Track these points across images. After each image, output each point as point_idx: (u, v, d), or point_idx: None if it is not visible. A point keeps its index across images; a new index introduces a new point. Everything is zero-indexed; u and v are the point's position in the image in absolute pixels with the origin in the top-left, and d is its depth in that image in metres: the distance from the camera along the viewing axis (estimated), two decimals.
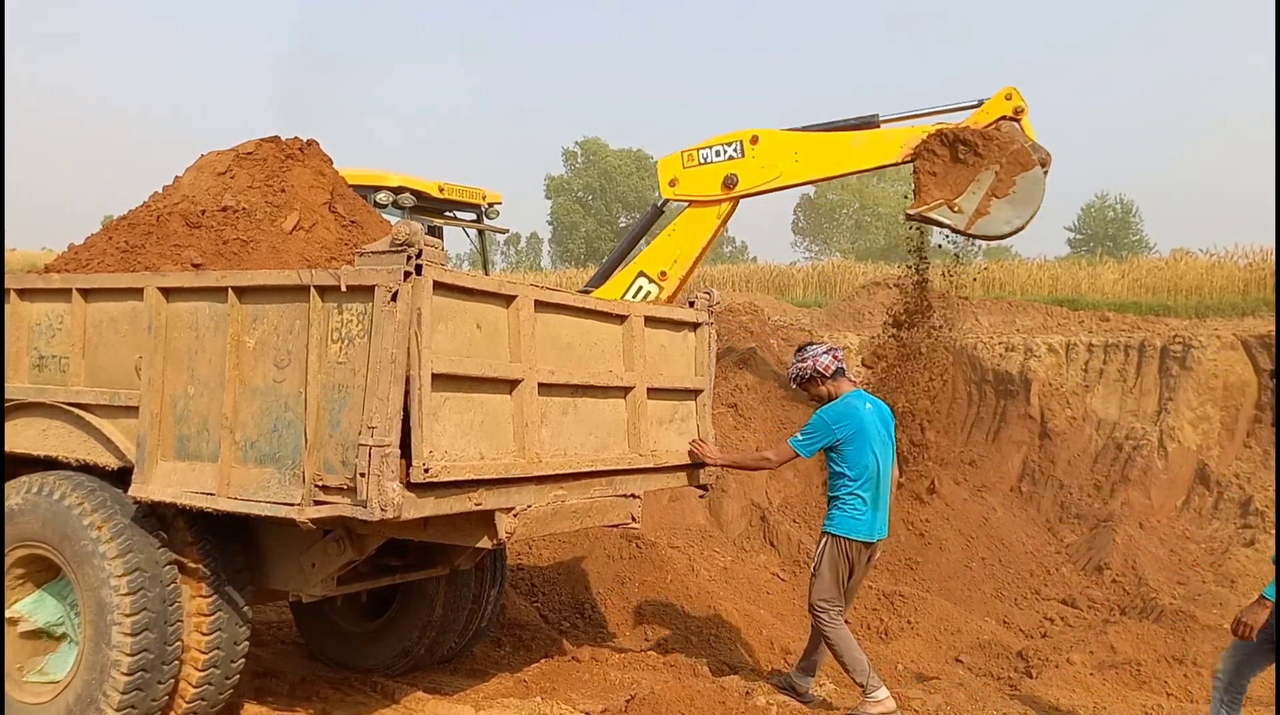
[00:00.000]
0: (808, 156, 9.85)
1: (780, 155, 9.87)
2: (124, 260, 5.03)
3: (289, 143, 5.45)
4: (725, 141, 9.96)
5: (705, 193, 9.96)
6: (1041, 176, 8.88)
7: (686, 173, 10.05)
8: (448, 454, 4.21)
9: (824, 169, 10.02)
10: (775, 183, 9.90)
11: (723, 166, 9.90)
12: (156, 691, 4.68)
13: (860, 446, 5.86)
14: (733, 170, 9.85)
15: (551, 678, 6.56)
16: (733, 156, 9.87)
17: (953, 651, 8.01)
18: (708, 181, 9.96)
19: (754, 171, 9.88)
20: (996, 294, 18.12)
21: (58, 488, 4.76)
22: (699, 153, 9.96)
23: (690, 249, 10.20)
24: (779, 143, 9.92)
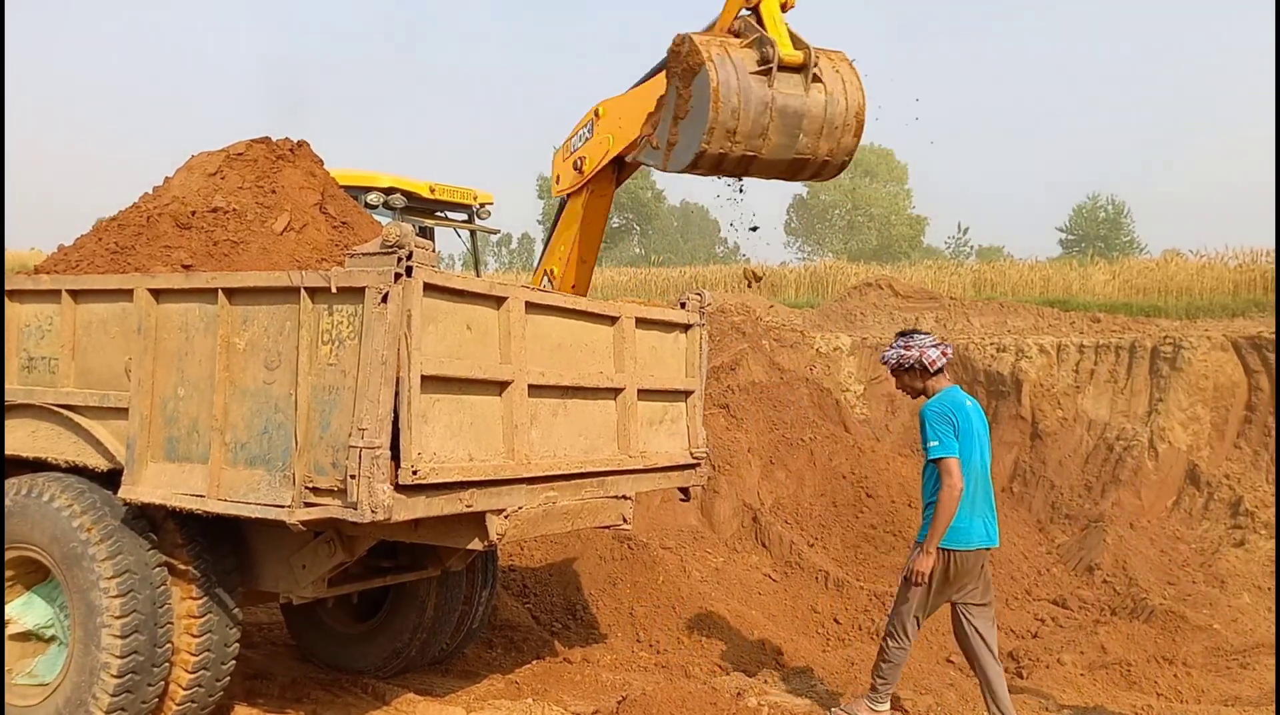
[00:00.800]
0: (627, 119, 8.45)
1: (611, 125, 8.59)
2: (114, 261, 5.02)
3: (279, 143, 5.44)
4: (582, 124, 8.94)
5: (568, 183, 8.90)
6: (710, 81, 6.65)
7: (563, 166, 8.98)
8: (436, 456, 4.21)
9: (634, 130, 8.46)
10: (606, 157, 8.66)
11: (578, 151, 8.84)
12: (146, 694, 4.66)
13: (967, 446, 5.44)
14: (582, 153, 8.78)
15: (543, 679, 6.56)
16: (586, 138, 8.77)
17: (944, 652, 8.01)
18: (570, 170, 8.98)
19: (594, 148, 8.74)
20: (988, 295, 18.20)
21: (47, 489, 4.75)
22: (570, 142, 8.90)
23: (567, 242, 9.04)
24: (612, 111, 8.70)
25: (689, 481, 6.07)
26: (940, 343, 5.66)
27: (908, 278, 20.23)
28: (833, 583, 8.90)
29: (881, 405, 14.12)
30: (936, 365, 5.57)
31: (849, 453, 10.77)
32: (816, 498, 10.34)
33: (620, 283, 29.22)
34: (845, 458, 10.67)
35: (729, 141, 6.39)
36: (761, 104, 6.30)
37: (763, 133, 6.39)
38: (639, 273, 31.23)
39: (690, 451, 5.98)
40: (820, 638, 8.28)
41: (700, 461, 6.07)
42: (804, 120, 6.40)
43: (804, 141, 6.46)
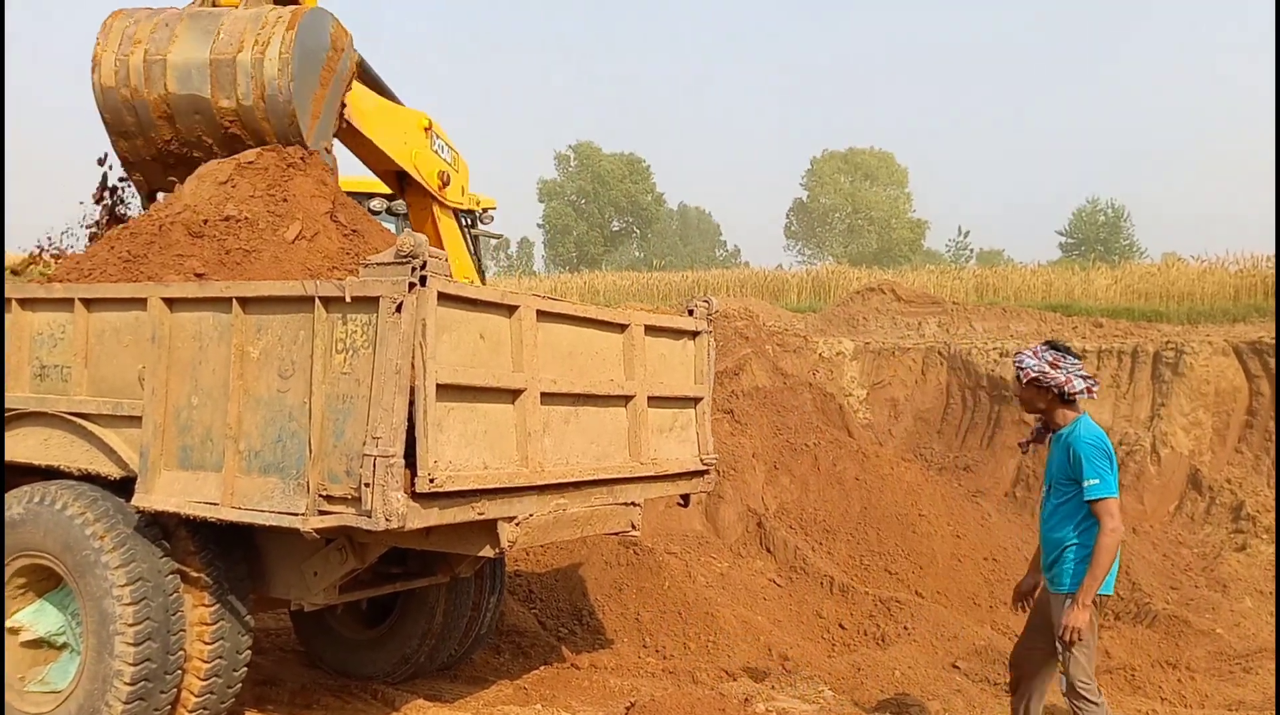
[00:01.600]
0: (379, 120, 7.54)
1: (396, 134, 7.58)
2: (126, 270, 5.03)
3: (290, 151, 5.45)
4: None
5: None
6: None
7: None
8: (452, 464, 4.23)
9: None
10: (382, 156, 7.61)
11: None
12: (159, 701, 4.68)
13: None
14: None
15: (551, 685, 6.57)
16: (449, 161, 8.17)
17: (950, 657, 8.03)
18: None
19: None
20: (990, 300, 18.21)
21: (60, 497, 4.76)
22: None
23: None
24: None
25: (698, 488, 6.10)
26: (1089, 377, 4.98)
27: (910, 282, 20.27)
28: (838, 588, 8.91)
29: (885, 410, 14.15)
30: (1075, 394, 4.90)
31: (853, 458, 10.78)
32: (821, 503, 10.35)
33: (623, 287, 29.25)
34: (849, 463, 10.68)
35: None
36: None
37: None
38: (640, 277, 31.26)
39: (700, 458, 6.01)
40: (826, 643, 8.29)
41: (710, 468, 6.09)
42: None
43: None
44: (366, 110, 6.77)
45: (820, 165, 70.94)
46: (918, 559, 9.88)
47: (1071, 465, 4.80)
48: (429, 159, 7.62)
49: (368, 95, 6.88)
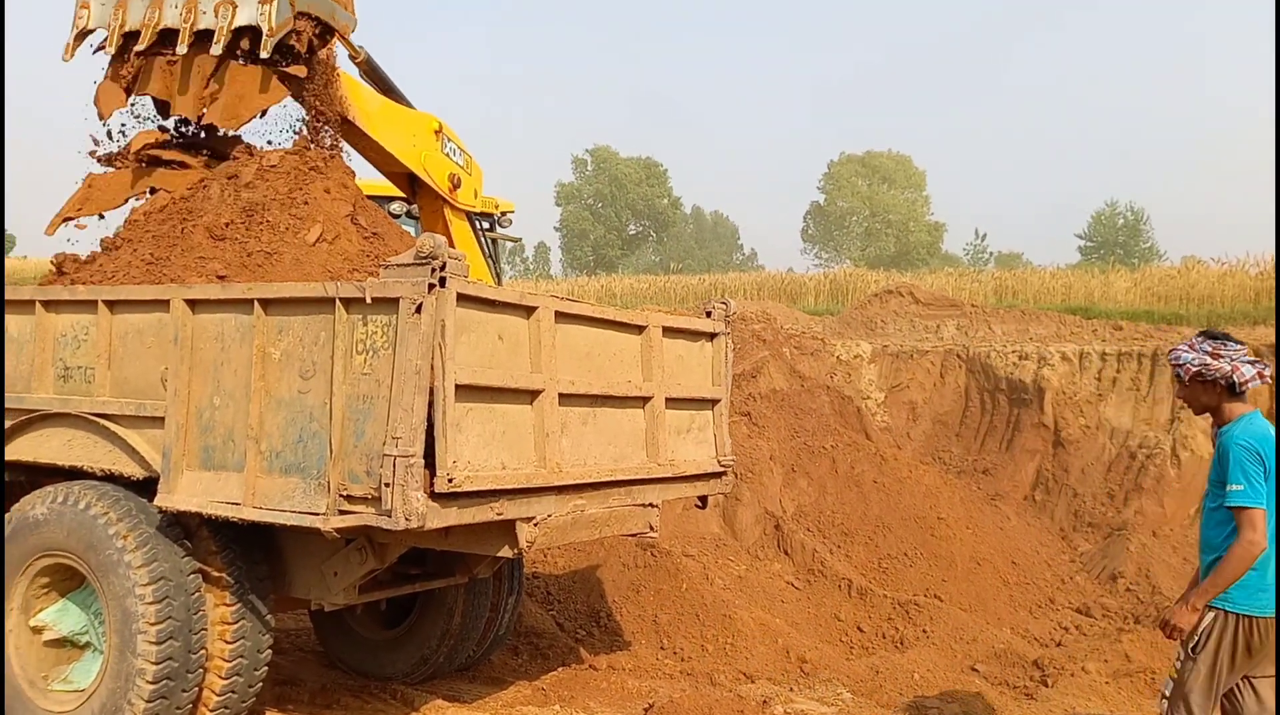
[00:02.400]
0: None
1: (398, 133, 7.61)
2: (149, 272, 5.08)
3: (311, 154, 5.50)
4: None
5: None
6: None
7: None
8: (470, 464, 4.25)
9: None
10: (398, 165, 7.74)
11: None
12: (181, 700, 4.72)
13: (1273, 492, 4.31)
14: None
15: (569, 686, 6.59)
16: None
17: (968, 660, 8.00)
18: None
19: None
20: (1009, 302, 18.12)
21: (83, 497, 4.81)
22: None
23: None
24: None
25: (716, 490, 6.10)
26: (1258, 362, 4.43)
27: (929, 285, 20.21)
28: (856, 591, 8.89)
29: (903, 413, 14.10)
30: (1246, 385, 4.38)
31: (871, 461, 10.75)
32: (839, 506, 10.33)
33: (640, 290, 29.27)
34: (867, 466, 10.66)
35: None
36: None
37: None
38: (657, 280, 31.29)
39: (718, 459, 6.01)
40: (844, 646, 8.27)
41: (727, 469, 6.09)
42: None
43: None
44: (372, 112, 6.78)
45: (838, 169, 70.83)
46: (936, 562, 9.85)
47: (1221, 466, 4.37)
48: (439, 161, 7.63)
49: (374, 97, 6.90)
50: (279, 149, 5.72)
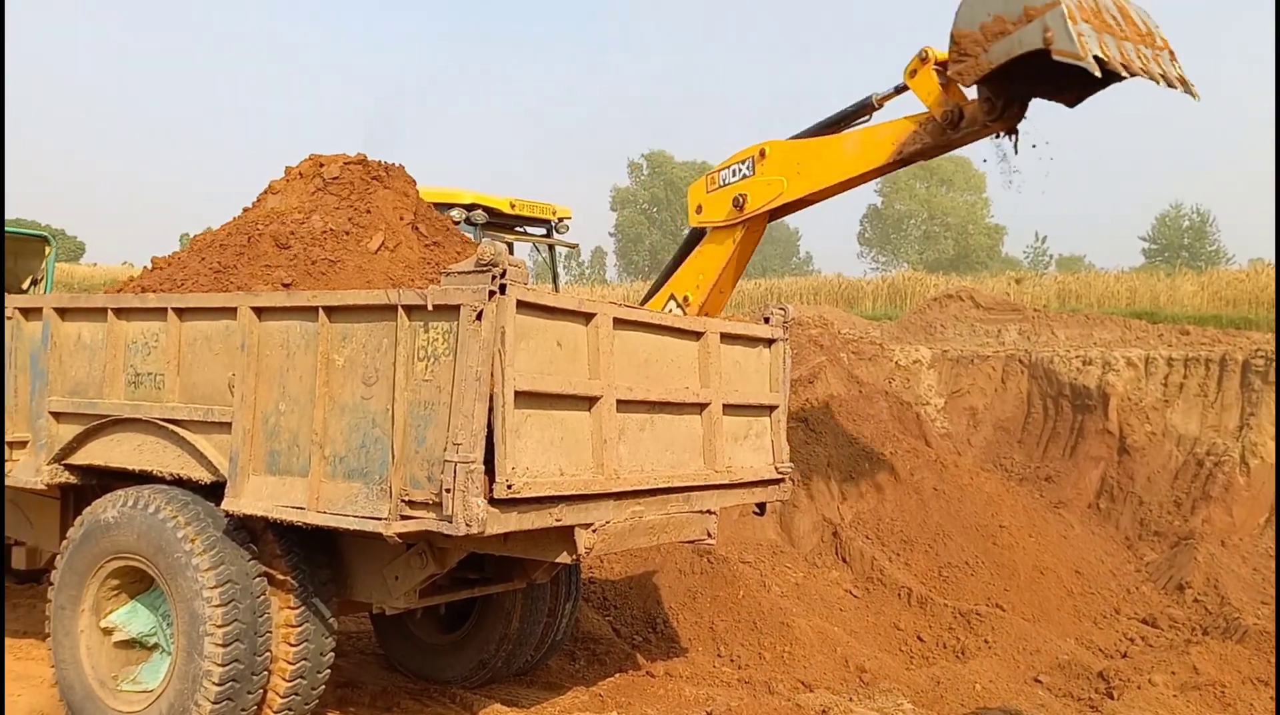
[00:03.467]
0: (807, 167, 8.83)
1: (784, 168, 8.92)
2: (217, 280, 5.18)
3: (374, 164, 5.58)
4: (739, 159, 9.20)
5: (720, 218, 9.21)
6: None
7: (709, 197, 9.31)
8: (529, 470, 4.28)
9: (822, 178, 8.87)
10: (779, 200, 8.96)
11: (735, 187, 9.11)
12: (246, 701, 4.80)
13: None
14: (743, 190, 9.06)
15: (626, 692, 6.58)
16: (745, 175, 9.08)
17: (1031, 671, 7.87)
18: (721, 204, 9.23)
19: (760, 188, 9.03)
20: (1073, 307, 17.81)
21: (152, 501, 4.91)
22: (719, 174, 9.21)
23: (710, 273, 9.42)
24: (784, 154, 8.99)
25: (773, 496, 6.07)
26: None
27: (989, 289, 19.92)
28: (916, 599, 8.79)
29: (963, 419, 13.92)
30: None
31: (931, 467, 10.63)
32: (898, 513, 10.23)
33: None
34: (927, 473, 10.54)
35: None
36: None
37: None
38: None
39: (775, 466, 5.98)
40: (904, 655, 8.18)
41: (785, 476, 6.05)
42: None
43: None
44: None
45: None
46: (998, 571, 9.71)
47: None
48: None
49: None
50: (340, 156, 5.80)
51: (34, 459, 5.44)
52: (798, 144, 8.91)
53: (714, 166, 9.33)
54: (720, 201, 9.18)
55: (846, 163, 8.62)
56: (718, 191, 9.17)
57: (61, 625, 5.23)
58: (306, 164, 5.70)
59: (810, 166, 8.73)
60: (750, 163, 9.03)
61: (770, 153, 8.96)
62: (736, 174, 9.03)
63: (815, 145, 8.78)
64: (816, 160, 8.72)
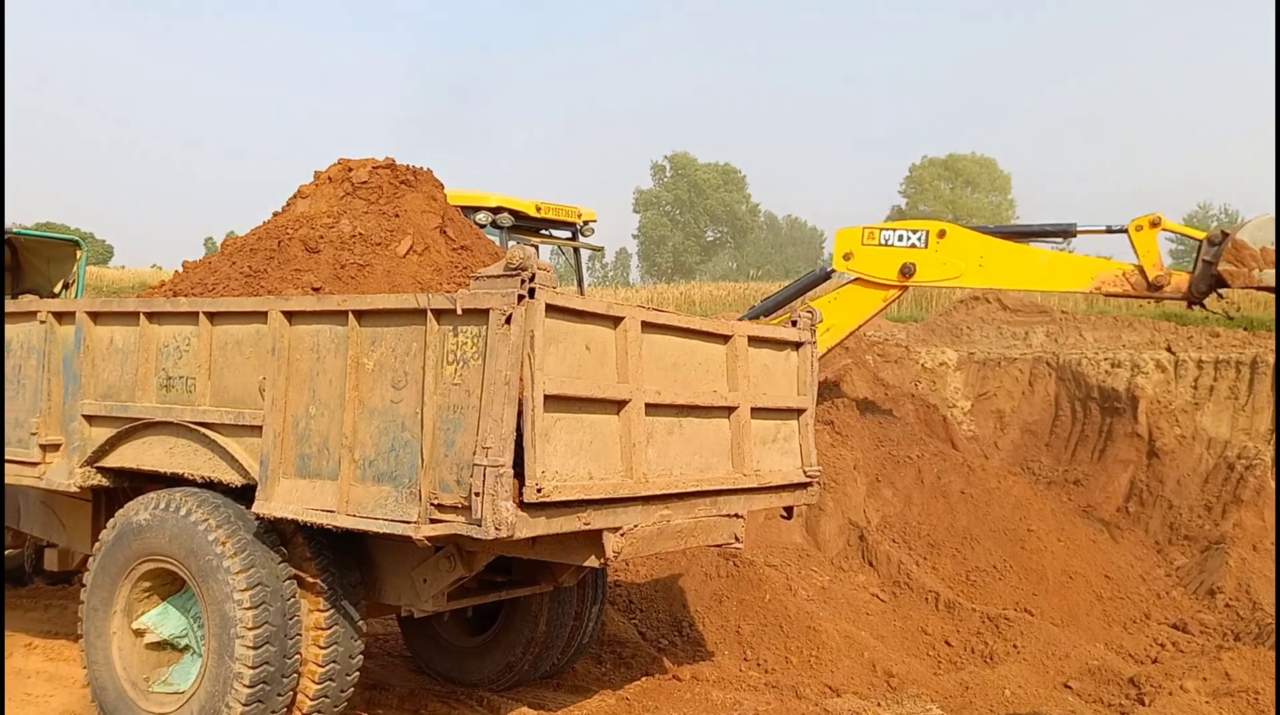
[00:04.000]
0: (992, 264, 9.72)
1: (965, 256, 9.76)
2: (248, 284, 5.22)
3: (402, 168, 5.60)
4: (910, 228, 9.95)
5: (878, 274, 9.93)
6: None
7: (864, 249, 9.99)
8: (558, 474, 4.28)
9: (1006, 281, 9.98)
10: (953, 281, 9.91)
11: (903, 252, 9.84)
12: (276, 703, 4.82)
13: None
14: (913, 259, 9.79)
15: (653, 696, 6.57)
16: (915, 245, 9.82)
17: (1061, 677, 7.81)
18: (884, 263, 9.93)
19: (934, 265, 9.82)
20: (1101, 309, 17.64)
21: (184, 504, 4.94)
22: (880, 232, 9.92)
23: (847, 322, 10.19)
24: (966, 243, 9.82)
25: (801, 500, 6.05)
26: None
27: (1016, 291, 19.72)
28: (943, 604, 8.74)
29: (990, 422, 13.83)
30: None
31: (958, 471, 10.56)
32: (925, 516, 10.17)
33: (719, 297, 29.18)
34: (954, 476, 10.47)
35: None
36: None
37: None
38: (737, 287, 31.15)
39: (803, 470, 5.96)
40: (932, 660, 8.13)
41: (813, 480, 6.03)
42: None
43: None
44: None
45: (919, 172, 69.93)
46: (1027, 575, 9.64)
47: None
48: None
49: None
50: (368, 160, 5.82)
51: (67, 462, 5.49)
52: (985, 239, 9.73)
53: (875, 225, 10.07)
54: (879, 258, 9.88)
55: (1038, 275, 9.75)
56: (876, 248, 9.87)
57: (94, 626, 5.28)
58: (335, 168, 5.72)
59: (996, 265, 9.65)
60: (924, 236, 9.77)
61: (951, 236, 9.75)
62: (905, 241, 9.77)
63: (1006, 248, 9.71)
64: (1005, 262, 9.67)
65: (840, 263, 10.16)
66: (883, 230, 9.95)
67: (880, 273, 9.93)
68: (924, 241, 9.78)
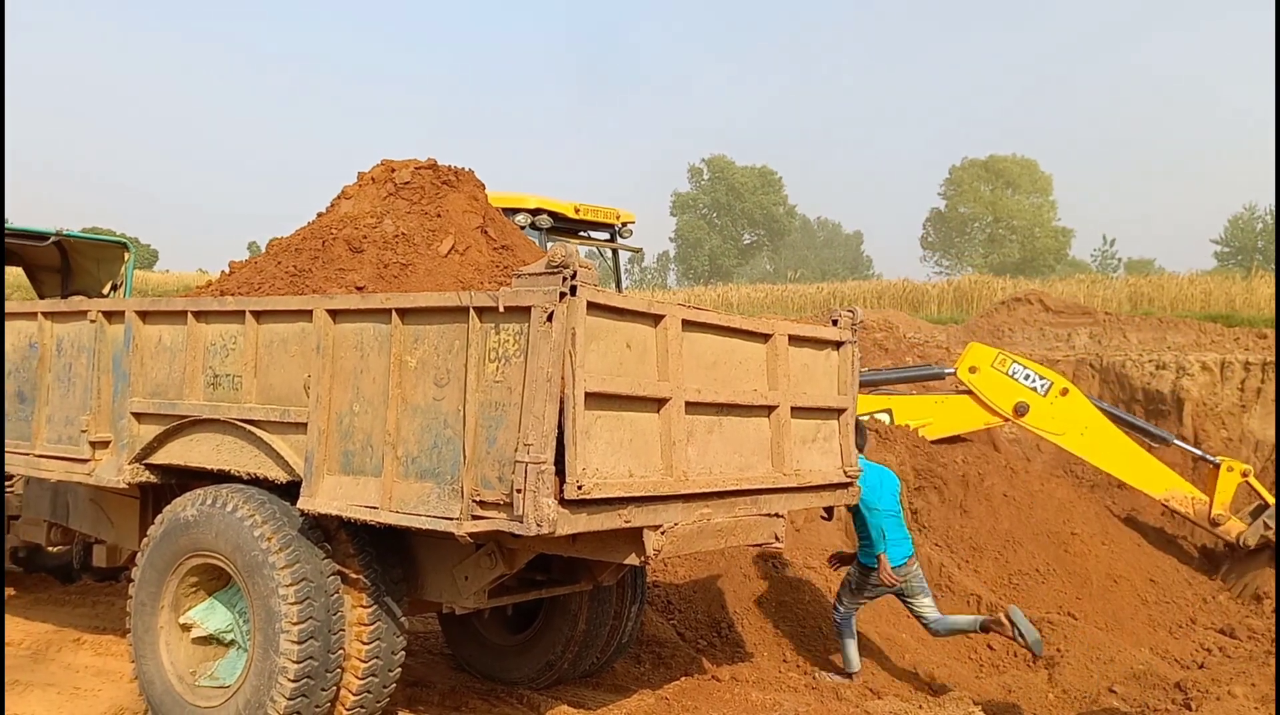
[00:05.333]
0: (1093, 439, 10.33)
1: (1074, 421, 10.31)
2: (293, 284, 5.28)
3: (444, 169, 5.64)
4: (1040, 373, 10.46)
5: (994, 400, 10.46)
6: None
7: (990, 372, 10.49)
8: (599, 471, 4.29)
9: (1096, 457, 10.53)
10: (1051, 436, 10.43)
11: (1023, 391, 10.35)
12: (320, 698, 4.86)
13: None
14: (1029, 401, 10.31)
15: (692, 696, 6.57)
16: (1036, 389, 10.34)
17: (1106, 681, 7.70)
18: (1000, 391, 10.44)
19: (1044, 415, 10.34)
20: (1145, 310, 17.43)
21: (230, 500, 5.01)
22: (1011, 363, 10.43)
23: (943, 426, 10.72)
24: (1080, 409, 10.36)
25: (842, 501, 6.02)
26: None
27: (1058, 292, 19.55)
28: (985, 607, 8.65)
29: None
30: None
31: (1001, 473, 10.46)
32: (966, 519, 10.07)
33: (757, 299, 29.11)
34: (997, 478, 10.37)
35: None
36: None
37: None
38: (775, 289, 31.05)
39: (844, 470, 5.93)
40: (974, 664, 8.05)
41: (853, 480, 6.00)
42: None
43: None
44: None
45: (959, 174, 69.35)
46: (1070, 579, 9.53)
47: None
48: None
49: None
50: (411, 161, 5.87)
51: (116, 458, 5.57)
52: (1096, 415, 10.43)
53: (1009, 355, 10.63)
54: (1000, 387, 10.46)
55: (1125, 466, 10.54)
56: (1001, 376, 10.46)
57: (142, 621, 5.36)
58: (378, 169, 5.77)
59: (1096, 442, 10.37)
60: (1047, 386, 10.37)
61: (1070, 398, 10.35)
62: (1029, 381, 10.36)
63: (1109, 431, 10.47)
64: (1104, 444, 10.42)
65: (964, 373, 10.65)
66: (1014, 363, 10.48)
67: (995, 400, 10.47)
68: (1045, 391, 10.33)
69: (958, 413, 10.68)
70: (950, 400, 10.83)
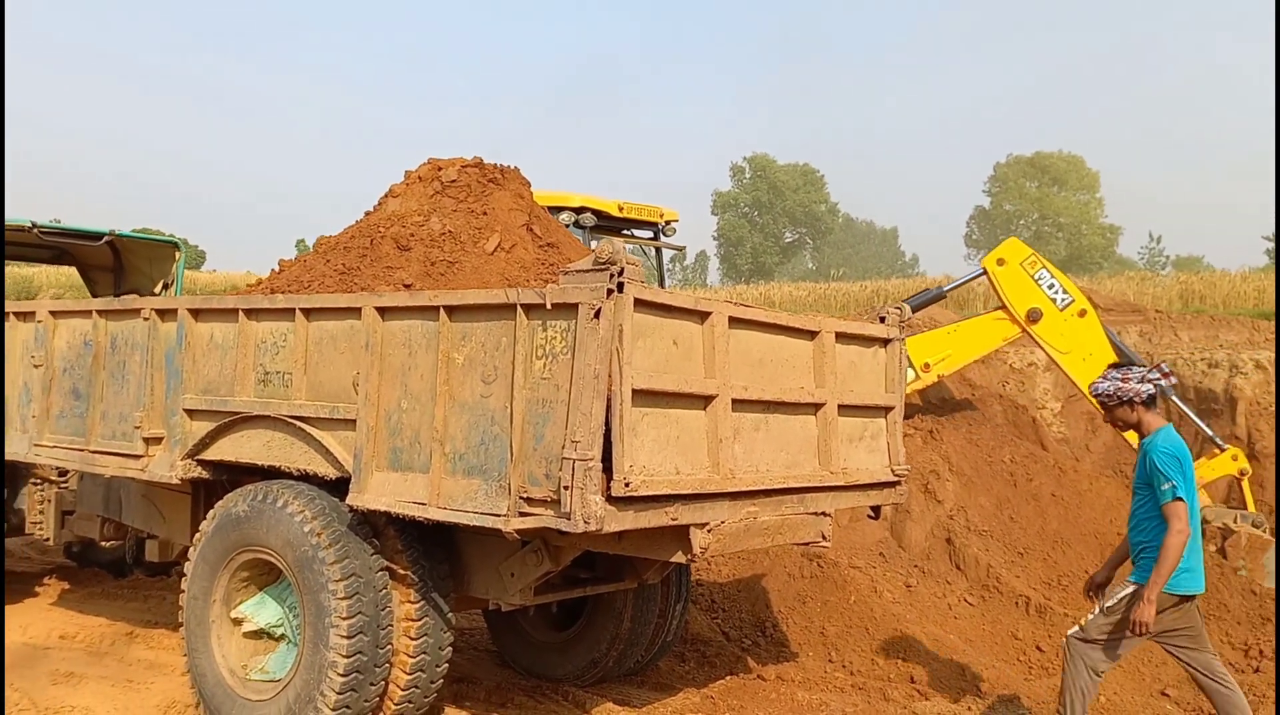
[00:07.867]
0: (1095, 367, 9.41)
1: (1081, 343, 9.72)
2: (342, 281, 5.32)
3: (490, 167, 5.66)
4: (1066, 287, 9.87)
5: (1007, 296, 9.88)
6: None
7: (1016, 268, 9.94)
8: (646, 468, 4.27)
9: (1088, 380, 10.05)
10: (1054, 352, 9.84)
11: (1042, 298, 9.76)
12: (369, 693, 4.91)
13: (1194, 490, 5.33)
14: (1044, 309, 9.73)
15: (738, 695, 6.55)
16: (1054, 300, 9.75)
17: (1158, 684, 7.57)
18: (1020, 291, 9.85)
19: (1055, 329, 9.77)
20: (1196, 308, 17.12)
21: (281, 496, 5.06)
22: (1040, 268, 9.86)
23: (961, 354, 10.15)
24: (1092, 334, 9.76)
25: (889, 500, 5.97)
26: (1152, 373, 5.43)
27: (1107, 290, 19.26)
28: (1034, 609, 8.53)
29: (1081, 424, 13.47)
30: (1154, 401, 5.41)
31: (1049, 473, 10.32)
32: (1014, 519, 9.95)
33: (799, 298, 28.96)
34: (1045, 478, 10.23)
35: None
36: None
37: None
38: (817, 288, 30.89)
39: (891, 468, 5.88)
40: (1023, 666, 7.94)
41: (901, 479, 5.95)
42: None
43: None
44: None
45: (1004, 171, 68.60)
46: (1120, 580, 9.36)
47: (1148, 471, 5.31)
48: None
49: None
50: (457, 159, 5.90)
51: (169, 455, 5.65)
52: (1106, 347, 9.70)
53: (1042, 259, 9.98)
54: (1022, 287, 9.81)
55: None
56: (1024, 277, 9.83)
57: (194, 615, 5.43)
58: (425, 168, 5.81)
59: (1096, 372, 9.79)
60: (1068, 302, 9.76)
61: (1087, 321, 9.73)
62: (1052, 291, 9.76)
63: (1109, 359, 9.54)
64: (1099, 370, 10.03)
65: (990, 263, 10.09)
66: (1043, 268, 9.85)
67: (1012, 299, 9.85)
68: (1064, 307, 9.72)
69: (973, 335, 10.11)
70: (962, 325, 10.31)
